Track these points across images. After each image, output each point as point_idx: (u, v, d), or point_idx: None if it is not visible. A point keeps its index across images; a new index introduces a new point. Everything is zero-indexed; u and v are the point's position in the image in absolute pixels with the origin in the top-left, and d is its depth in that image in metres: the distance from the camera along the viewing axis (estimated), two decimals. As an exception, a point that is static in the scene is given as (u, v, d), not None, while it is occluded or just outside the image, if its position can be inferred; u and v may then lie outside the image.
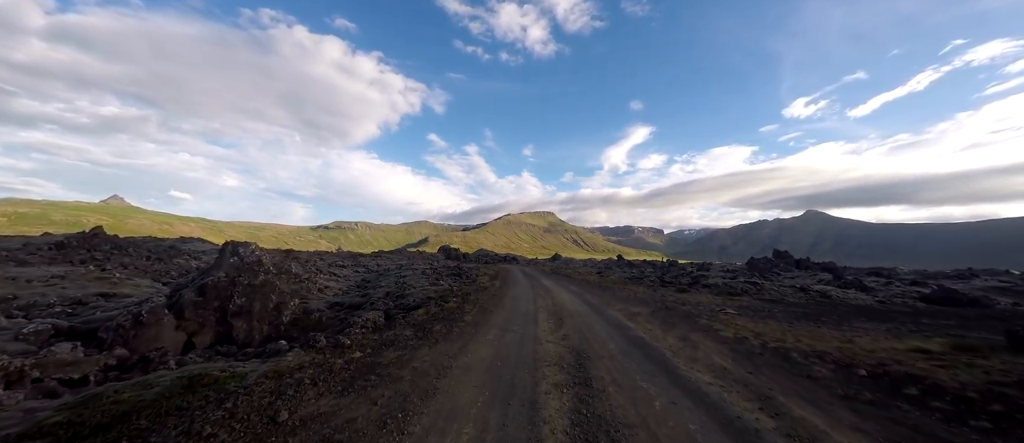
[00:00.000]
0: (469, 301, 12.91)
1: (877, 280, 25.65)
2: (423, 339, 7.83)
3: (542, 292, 16.22)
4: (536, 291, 16.59)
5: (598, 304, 13.08)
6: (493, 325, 9.41)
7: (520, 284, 20.34)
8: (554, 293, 15.95)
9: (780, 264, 35.93)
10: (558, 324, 9.62)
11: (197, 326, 7.25)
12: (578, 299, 14.35)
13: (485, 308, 11.60)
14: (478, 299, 13.37)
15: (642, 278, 30.77)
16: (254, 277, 8.04)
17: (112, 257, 31.50)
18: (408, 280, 23.02)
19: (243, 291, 7.78)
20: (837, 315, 12.00)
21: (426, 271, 27.38)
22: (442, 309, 11.11)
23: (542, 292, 16.22)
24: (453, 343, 7.68)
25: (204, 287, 7.35)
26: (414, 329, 8.59)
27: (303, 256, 38.20)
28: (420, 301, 12.72)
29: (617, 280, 25.03)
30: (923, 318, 12.48)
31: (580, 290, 17.24)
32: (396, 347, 7.15)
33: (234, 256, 7.95)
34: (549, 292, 16.25)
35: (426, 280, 22.55)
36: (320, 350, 6.45)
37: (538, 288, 17.91)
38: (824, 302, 16.86)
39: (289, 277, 9.01)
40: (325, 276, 28.54)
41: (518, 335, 8.56)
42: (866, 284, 23.89)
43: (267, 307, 8.25)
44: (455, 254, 78.81)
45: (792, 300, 16.66)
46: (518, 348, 7.50)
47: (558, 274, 31.61)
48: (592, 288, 18.49)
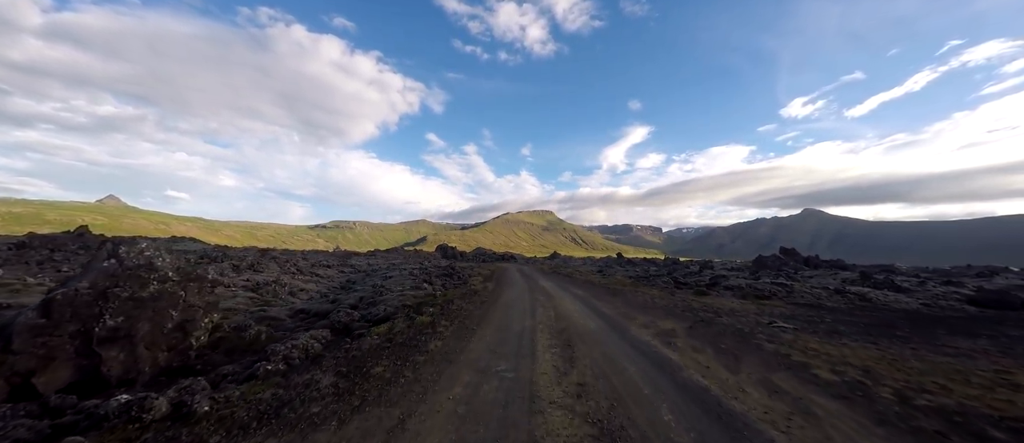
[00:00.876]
0: (450, 312, 10.47)
1: (907, 279, 23.43)
2: (346, 396, 4.86)
3: (541, 298, 13.86)
4: (534, 296, 14.26)
5: (614, 316, 10.50)
6: (469, 360, 6.31)
7: (516, 286, 18.05)
8: (556, 299, 13.60)
9: (790, 262, 33.72)
10: (567, 356, 6.57)
11: (39, 361, 4.88)
12: (586, 308, 11.91)
13: (466, 325, 9.02)
14: (462, 310, 10.92)
15: (649, 277, 28.44)
16: (140, 287, 5.65)
17: (74, 258, 29.01)
18: (392, 282, 20.66)
19: (120, 307, 5.41)
20: (908, 326, 9.75)
21: (415, 272, 25.04)
22: (411, 325, 8.61)
23: (541, 298, 13.86)
24: (390, 408, 4.55)
25: (49, 304, 4.98)
26: (347, 369, 5.82)
27: (282, 256, 35.72)
28: (392, 311, 10.34)
29: (624, 281, 22.70)
30: (1006, 328, 10.25)
31: (586, 295, 14.90)
32: (287, 420, 4.21)
33: (111, 259, 5.57)
34: (550, 298, 13.90)
35: (412, 282, 20.19)
36: (144, 426, 3.91)
37: (537, 292, 15.57)
38: (868, 306, 14.61)
39: (202, 285, 6.60)
40: (304, 277, 26.08)
41: (504, 385, 5.30)
42: (898, 283, 21.72)
43: (162, 327, 5.87)
44: (452, 253, 76.60)
45: (832, 304, 14.39)
46: (499, 426, 4.19)
47: (558, 274, 29.27)
48: (599, 291, 16.16)
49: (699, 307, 12.09)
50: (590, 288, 17.46)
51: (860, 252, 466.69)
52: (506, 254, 79.52)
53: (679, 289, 17.83)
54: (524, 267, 42.22)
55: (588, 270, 39.34)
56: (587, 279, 23.89)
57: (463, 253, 78.96)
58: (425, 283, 18.97)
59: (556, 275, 27.83)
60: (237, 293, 16.22)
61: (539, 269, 37.22)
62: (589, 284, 20.03)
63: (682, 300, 13.71)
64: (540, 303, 12.40)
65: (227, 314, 11.49)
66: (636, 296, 14.48)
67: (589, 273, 32.59)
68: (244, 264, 24.93)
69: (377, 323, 9.01)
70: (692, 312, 11.09)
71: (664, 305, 12.43)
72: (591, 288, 17.46)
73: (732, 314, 10.71)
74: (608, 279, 24.63)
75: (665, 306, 12.28)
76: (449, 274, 24.61)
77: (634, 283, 18.90)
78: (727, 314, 10.77)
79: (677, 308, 11.85)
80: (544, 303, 12.46)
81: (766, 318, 9.87)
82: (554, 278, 24.23)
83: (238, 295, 15.70)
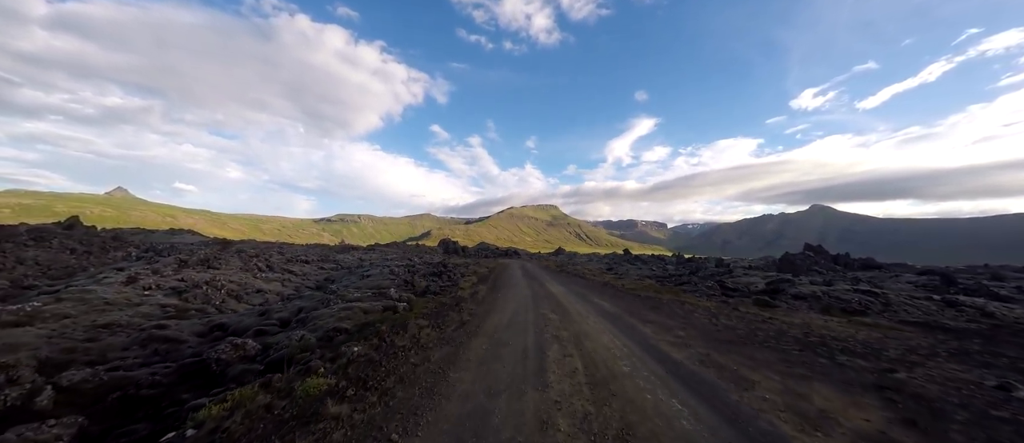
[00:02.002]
0: (389, 354, 6.15)
1: (999, 285, 19.15)
2: None
3: (554, 315, 9.61)
4: (542, 311, 10.07)
5: (686, 362, 5.92)
6: None
7: (516, 290, 14.01)
8: (575, 317, 9.34)
9: (821, 260, 29.46)
10: None
11: None
12: (634, 341, 7.35)
13: (395, 405, 4.37)
14: (416, 346, 6.65)
15: (672, 279, 24.23)
16: None
17: (28, 248, 25.36)
18: (362, 284, 16.75)
19: None
20: None
21: (396, 270, 21.10)
22: (291, 398, 4.37)
23: (554, 315, 9.61)
24: None
25: None
26: None
27: (254, 250, 31.85)
28: (298, 348, 6.34)
29: (649, 284, 18.56)
30: None
31: (617, 309, 10.55)
32: None
33: None
34: (566, 315, 9.66)
35: (387, 283, 16.26)
36: None
37: (545, 303, 11.44)
38: (998, 325, 10.48)
39: None
40: (271, 276, 22.04)
41: None
42: (995, 290, 17.48)
43: None
44: (454, 248, 73.01)
45: (955, 324, 10.29)
46: None
47: (566, 273, 25.14)
48: (632, 302, 11.96)
49: (797, 334, 7.93)
50: (615, 295, 13.25)
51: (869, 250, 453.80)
52: (510, 249, 75.86)
53: (727, 296, 13.73)
54: (528, 264, 38.15)
55: (598, 268, 35.27)
56: (603, 280, 19.76)
57: (465, 248, 75.44)
58: (397, 288, 14.99)
59: (564, 275, 23.73)
60: (147, 299, 12.34)
61: (544, 267, 33.15)
62: (609, 288, 15.83)
63: (757, 319, 9.52)
64: (552, 328, 8.17)
65: (98, 333, 7.59)
66: (686, 311, 10.24)
67: (601, 272, 28.51)
68: (194, 259, 21.04)
69: (269, 368, 5.07)
70: (808, 348, 6.92)
71: (744, 332, 8.20)
72: (617, 295, 13.24)
73: (868, 348, 6.60)
74: (627, 280, 20.51)
75: (740, 333, 8.05)
76: (438, 273, 20.63)
77: (656, 286, 14.72)
78: (859, 346, 6.68)
79: (773, 339, 7.63)
80: (559, 328, 8.25)
81: (926, 353, 5.71)
82: (563, 279, 20.13)
83: (145, 303, 11.82)
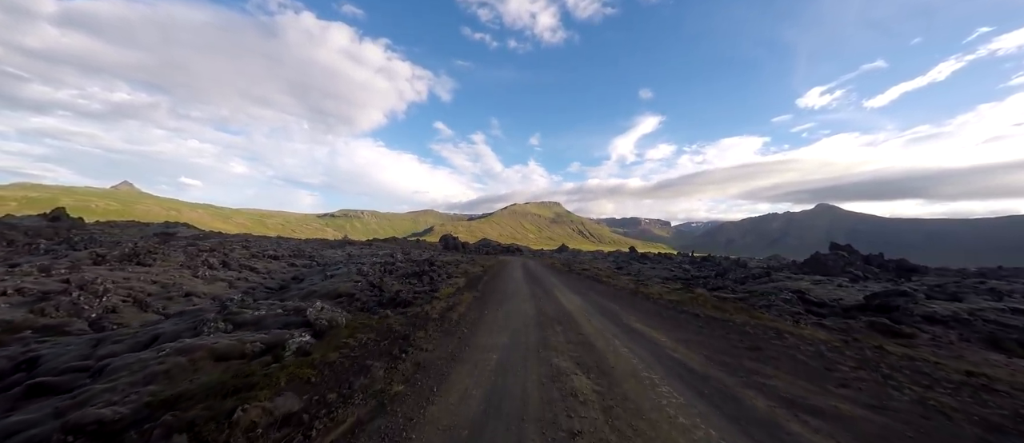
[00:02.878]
0: None
1: None
2: None
3: (574, 363, 5.41)
4: (553, 355, 5.76)
5: None
6: None
7: (513, 304, 9.93)
8: (619, 375, 5.02)
9: (855, 262, 25.15)
10: None
11: None
12: None
13: None
14: None
15: (696, 281, 19.97)
16: None
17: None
18: (314, 287, 12.70)
19: None
20: None
21: (366, 270, 16.99)
22: None
23: (574, 363, 5.41)
24: None
25: None
26: None
27: (208, 244, 27.79)
28: None
29: (676, 289, 14.38)
30: None
31: (689, 354, 6.07)
32: None
33: None
34: (601, 370, 5.23)
35: (347, 287, 12.21)
36: None
37: (556, 327, 7.40)
38: None
39: None
40: (228, 274, 17.82)
41: None
42: None
43: None
44: (455, 244, 69.22)
45: None
46: None
47: (575, 274, 20.83)
48: (683, 326, 7.58)
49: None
50: (659, 314, 8.99)
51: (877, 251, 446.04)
52: (512, 246, 71.95)
53: (820, 317, 9.54)
54: (530, 262, 34.01)
55: (608, 268, 31.08)
56: (625, 285, 15.58)
57: (466, 244, 71.61)
58: (347, 297, 10.87)
59: (574, 276, 19.50)
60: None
61: (549, 265, 28.93)
62: (641, 299, 11.58)
63: (947, 379, 5.32)
64: (566, 392, 4.13)
65: None
66: (808, 355, 5.97)
67: (614, 273, 24.34)
68: (116, 254, 16.95)
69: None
70: None
71: (973, 416, 4.15)
72: (661, 314, 8.99)
73: None
74: (652, 285, 16.35)
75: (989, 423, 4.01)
76: (419, 273, 16.51)
77: (726, 304, 10.44)
78: None
79: None
80: (583, 391, 4.18)
81: None
82: (575, 284, 15.92)
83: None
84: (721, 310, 9.55)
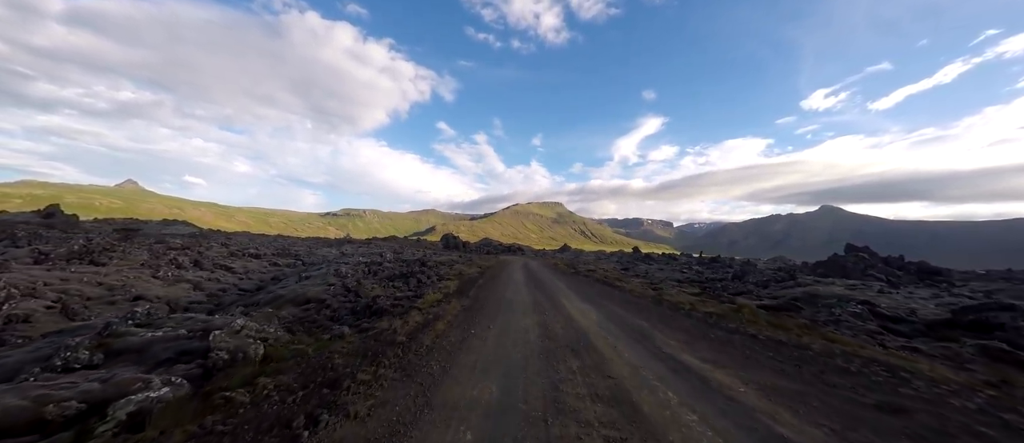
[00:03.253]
0: None
1: None
2: None
3: (590, 419, 3.84)
4: (563, 400, 4.27)
5: None
6: None
7: (510, 318, 8.92)
8: (655, 426, 3.72)
9: (876, 263, 24.65)
10: None
11: None
12: None
13: None
14: None
15: (713, 285, 19.31)
16: None
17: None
18: (288, 293, 12.43)
19: None
20: None
21: (346, 272, 16.57)
22: None
23: (590, 419, 3.84)
24: None
25: None
26: None
27: (180, 241, 27.33)
28: None
29: (699, 297, 14.01)
30: None
31: (748, 386, 4.84)
32: None
33: None
34: (634, 420, 3.82)
35: (317, 290, 11.91)
36: None
37: (565, 352, 6.34)
38: None
39: None
40: (198, 274, 16.27)
41: None
42: None
43: None
44: (455, 243, 69.07)
45: None
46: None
47: (582, 276, 20.25)
48: (753, 361, 6.17)
49: None
50: (704, 336, 7.75)
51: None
52: (513, 245, 71.76)
53: (898, 335, 8.65)
54: (533, 262, 33.68)
55: (614, 269, 30.75)
56: (642, 291, 15.07)
57: (466, 244, 71.42)
58: (323, 302, 10.61)
59: (581, 279, 19.09)
60: None
61: (552, 266, 28.59)
62: (668, 310, 10.66)
63: None
64: None
65: None
66: (955, 407, 4.41)
67: (622, 275, 24.05)
68: (62, 252, 16.35)
69: None
70: None
71: None
72: (706, 336, 7.77)
73: None
74: (668, 290, 16.07)
75: None
76: (406, 275, 15.98)
77: (788, 321, 8.14)
78: None
79: None
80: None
81: None
82: (585, 289, 15.26)
83: None
84: (781, 328, 8.15)
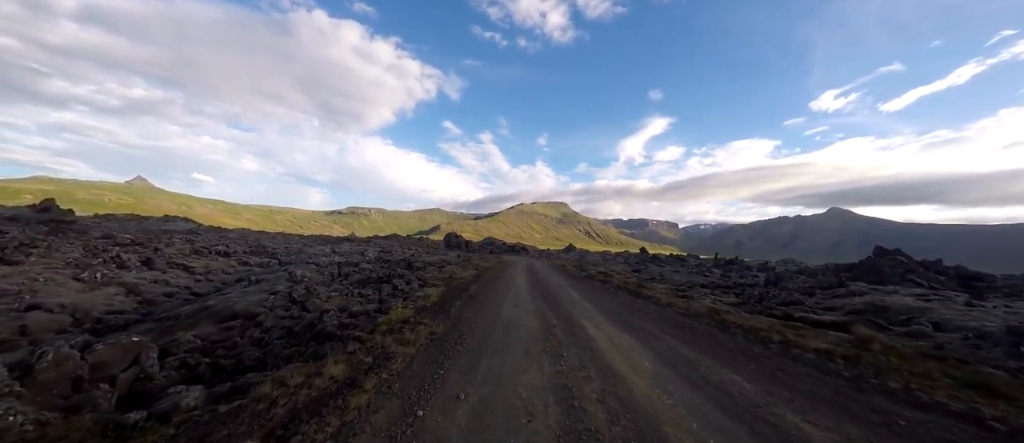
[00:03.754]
0: None
1: None
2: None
3: None
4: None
5: None
6: None
7: (508, 359, 6.38)
8: None
9: (917, 268, 22.36)
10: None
11: None
12: None
13: None
14: None
15: (744, 291, 17.69)
16: None
17: None
18: (219, 305, 11.10)
19: None
20: None
21: (299, 276, 15.08)
22: None
23: None
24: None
25: None
26: None
27: (129, 236, 25.85)
28: None
29: (726, 302, 12.64)
30: None
31: None
32: None
33: None
34: None
35: (252, 302, 10.57)
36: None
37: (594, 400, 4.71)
38: None
39: None
40: (139, 276, 15.39)
41: None
42: None
43: None
44: (458, 242, 67.96)
45: None
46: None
47: (594, 280, 18.87)
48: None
49: None
50: (829, 389, 5.20)
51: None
52: (518, 245, 70.46)
53: None
54: (537, 263, 32.13)
55: (626, 271, 29.27)
56: (676, 304, 13.47)
57: (469, 243, 70.27)
58: (254, 317, 9.29)
59: (593, 283, 17.69)
60: None
61: (559, 267, 27.02)
62: (744, 338, 7.80)
63: None
64: None
65: None
66: None
67: (638, 279, 22.62)
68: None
69: None
70: None
71: None
72: (836, 390, 5.17)
73: None
74: (697, 299, 14.70)
75: None
76: (380, 280, 14.01)
77: (897, 350, 6.57)
78: None
79: None
80: None
81: None
82: (598, 294, 13.71)
83: None
84: (929, 381, 5.40)
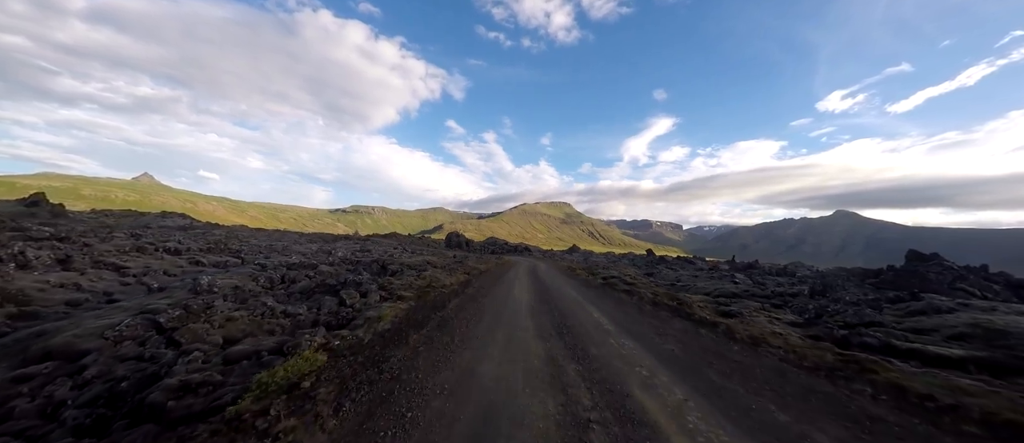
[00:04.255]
0: None
1: None
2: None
3: None
4: None
5: None
6: None
7: None
8: None
9: (969, 277, 19.67)
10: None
11: None
12: None
13: None
14: None
15: (793, 304, 15.27)
16: None
17: None
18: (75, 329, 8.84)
19: None
20: None
21: (205, 284, 12.88)
22: None
23: None
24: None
25: None
26: None
27: (48, 229, 23.39)
28: None
29: (798, 332, 10.28)
30: None
31: None
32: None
33: None
34: None
35: (105, 323, 8.42)
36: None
37: None
38: None
39: None
40: (22, 279, 11.90)
41: None
42: None
43: None
44: (460, 242, 65.90)
45: None
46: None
47: (611, 288, 16.33)
48: None
49: None
50: None
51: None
52: (520, 245, 68.36)
53: None
54: (541, 265, 29.72)
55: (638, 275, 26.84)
56: (755, 334, 11.30)
57: (470, 242, 68.28)
58: None
59: (618, 294, 15.08)
60: None
61: (566, 270, 24.57)
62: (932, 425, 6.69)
63: None
64: None
65: None
66: None
67: (656, 284, 20.28)
68: None
69: None
70: None
71: None
72: None
73: None
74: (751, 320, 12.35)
75: None
76: (335, 288, 11.27)
77: None
78: None
79: None
80: None
81: None
82: (631, 316, 11.31)
83: None
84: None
